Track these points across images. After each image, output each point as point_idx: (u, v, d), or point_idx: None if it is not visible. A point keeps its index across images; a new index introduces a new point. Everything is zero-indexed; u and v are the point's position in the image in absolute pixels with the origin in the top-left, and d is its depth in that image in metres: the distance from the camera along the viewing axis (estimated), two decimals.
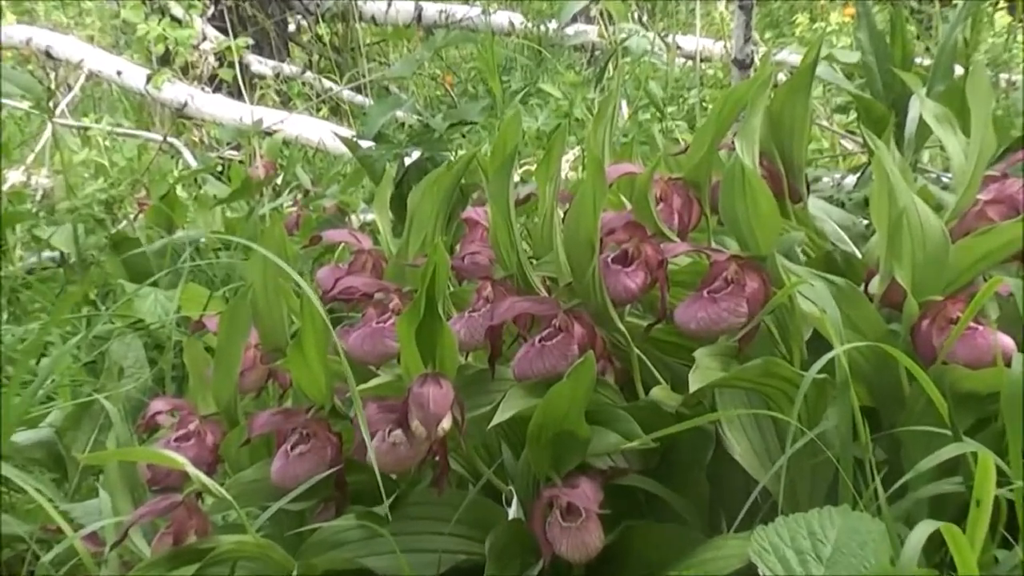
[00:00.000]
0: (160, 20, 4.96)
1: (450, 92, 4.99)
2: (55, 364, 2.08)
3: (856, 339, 1.45)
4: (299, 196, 3.60)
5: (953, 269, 1.46)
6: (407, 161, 2.73)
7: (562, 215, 1.67)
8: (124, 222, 3.45)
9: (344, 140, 2.94)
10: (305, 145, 4.61)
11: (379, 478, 1.42)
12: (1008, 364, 1.32)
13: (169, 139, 4.63)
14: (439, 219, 1.87)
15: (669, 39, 4.34)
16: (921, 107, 1.86)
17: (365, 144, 2.80)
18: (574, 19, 5.41)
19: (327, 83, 5.83)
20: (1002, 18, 4.29)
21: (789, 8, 6.29)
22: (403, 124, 3.18)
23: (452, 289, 1.82)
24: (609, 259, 1.57)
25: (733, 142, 1.59)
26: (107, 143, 4.35)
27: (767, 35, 6.00)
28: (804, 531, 1.12)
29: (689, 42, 5.16)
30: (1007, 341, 1.38)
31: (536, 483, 1.51)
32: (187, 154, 4.60)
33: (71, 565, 1.56)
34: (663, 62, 4.14)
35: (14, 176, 3.90)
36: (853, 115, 3.50)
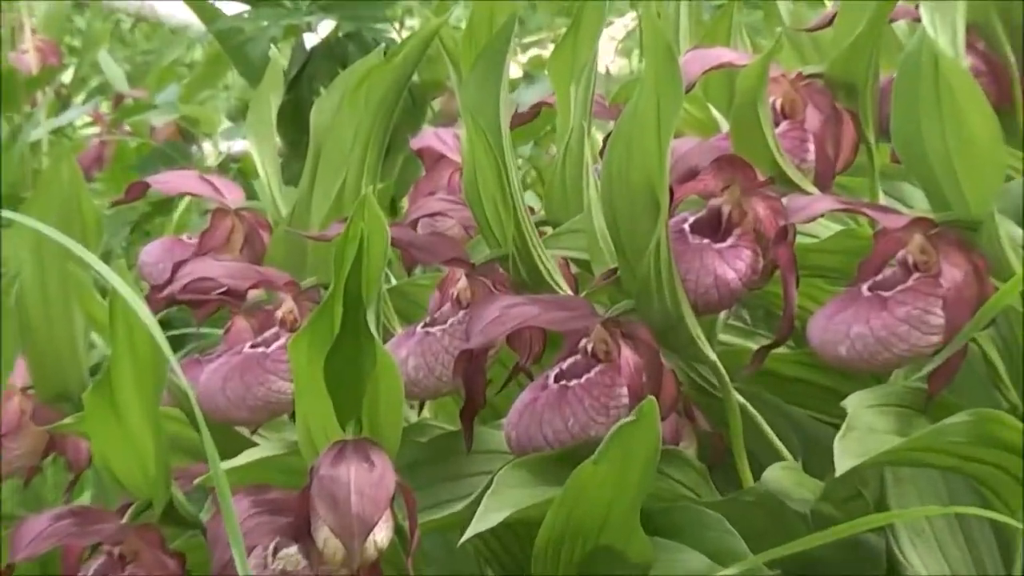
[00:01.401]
0: None
1: None
2: None
3: None
4: (105, 107, 3.59)
5: None
6: (310, 41, 2.75)
7: (601, 144, 1.73)
8: None
9: (191, 1, 2.92)
10: (117, 11, 4.58)
11: None
12: None
13: None
14: (370, 150, 1.88)
15: None
16: None
17: (230, 8, 2.79)
18: None
19: None
20: None
21: None
22: None
23: (393, 282, 1.85)
24: (688, 226, 1.60)
25: (918, 7, 1.62)
26: None
27: None
28: None
29: None
30: None
31: None
32: None
33: None
34: None
35: None
36: None
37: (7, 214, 1.61)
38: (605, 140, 1.64)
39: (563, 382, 1.57)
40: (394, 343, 1.69)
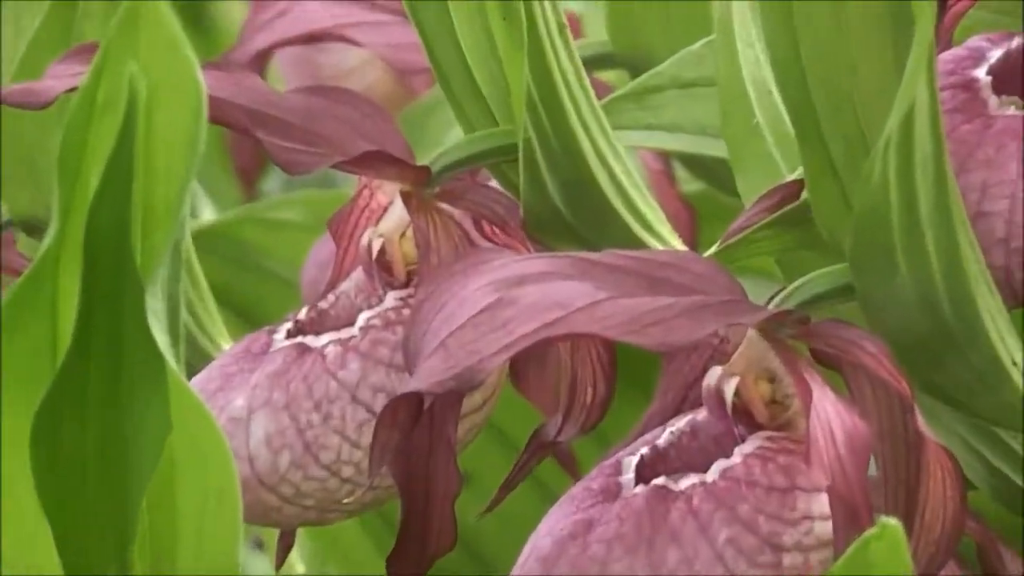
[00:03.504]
0: None
1: None
2: None
3: None
4: None
5: None
6: None
7: None
8: None
9: None
10: None
11: None
12: None
13: None
14: None
15: None
16: None
17: None
18: None
19: None
20: None
21: None
22: None
23: (210, 216, 1.49)
24: (986, 74, 1.20)
25: None
26: None
27: None
28: None
29: None
30: None
31: None
32: None
33: None
34: None
35: None
36: None
37: None
38: None
39: (661, 481, 1.07)
40: (215, 375, 1.19)
